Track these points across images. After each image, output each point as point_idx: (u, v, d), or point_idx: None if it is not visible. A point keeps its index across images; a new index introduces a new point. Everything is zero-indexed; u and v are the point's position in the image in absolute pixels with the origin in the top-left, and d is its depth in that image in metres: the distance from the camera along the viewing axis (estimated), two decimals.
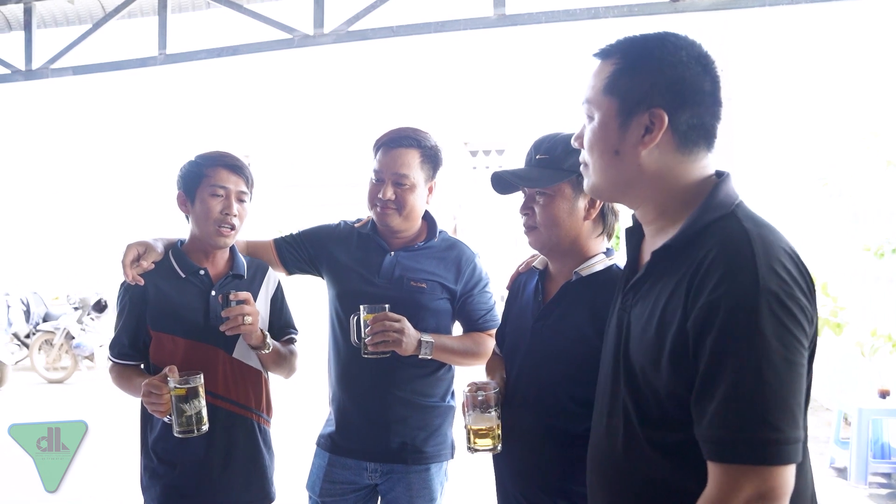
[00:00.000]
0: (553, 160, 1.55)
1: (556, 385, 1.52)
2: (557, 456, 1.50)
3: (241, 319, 1.77)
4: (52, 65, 5.11)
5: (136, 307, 1.89)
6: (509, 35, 4.83)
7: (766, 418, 0.95)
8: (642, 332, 1.12)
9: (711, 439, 0.99)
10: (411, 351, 1.85)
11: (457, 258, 2.03)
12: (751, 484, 0.96)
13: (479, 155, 17.30)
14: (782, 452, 0.95)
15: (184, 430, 1.69)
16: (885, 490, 4.63)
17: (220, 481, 1.88)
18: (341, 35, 4.43)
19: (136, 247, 1.91)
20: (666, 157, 1.12)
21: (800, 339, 0.98)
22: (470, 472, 3.14)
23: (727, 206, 1.09)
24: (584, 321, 1.50)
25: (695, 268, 1.03)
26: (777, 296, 0.97)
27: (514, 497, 1.60)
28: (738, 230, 1.04)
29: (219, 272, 1.95)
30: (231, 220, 1.87)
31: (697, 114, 1.11)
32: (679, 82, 1.10)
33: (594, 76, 1.17)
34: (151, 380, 1.72)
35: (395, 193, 1.93)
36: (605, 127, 1.14)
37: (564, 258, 1.59)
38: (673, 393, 1.06)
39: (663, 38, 1.12)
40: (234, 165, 1.90)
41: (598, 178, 1.18)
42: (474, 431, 1.55)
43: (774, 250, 1.01)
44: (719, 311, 0.98)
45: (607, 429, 1.20)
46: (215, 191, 1.86)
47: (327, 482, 2.01)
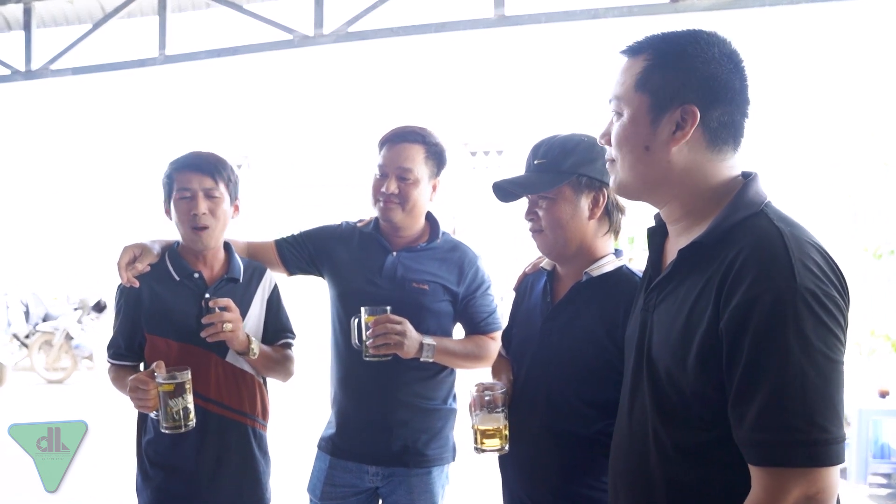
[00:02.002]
0: (551, 164, 1.54)
1: (565, 386, 1.51)
2: (566, 458, 1.50)
3: (221, 326, 1.77)
4: (52, 65, 5.11)
5: (132, 309, 1.89)
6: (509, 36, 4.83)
7: (814, 419, 0.93)
8: (668, 331, 1.11)
9: (756, 442, 0.97)
10: (413, 354, 1.84)
11: (459, 260, 2.02)
12: (799, 487, 0.94)
13: (479, 155, 17.30)
14: (831, 453, 0.94)
15: (171, 425, 1.68)
16: (884, 490, 4.63)
17: (211, 486, 1.87)
18: (341, 35, 4.42)
19: (132, 249, 1.90)
20: (695, 155, 1.11)
21: (839, 336, 0.97)
22: (471, 476, 3.14)
23: (757, 204, 1.08)
24: (594, 321, 1.49)
25: (726, 266, 1.02)
26: (814, 294, 0.96)
27: (520, 499, 1.60)
28: (770, 228, 1.03)
29: (214, 275, 1.94)
30: (200, 220, 1.84)
31: (728, 111, 1.10)
32: (711, 79, 1.09)
33: (623, 73, 1.16)
34: (138, 375, 1.71)
35: (398, 188, 1.92)
36: (635, 123, 1.13)
37: (573, 260, 1.58)
38: (699, 393, 1.05)
39: (695, 34, 1.12)
40: (197, 164, 1.86)
41: (627, 175, 1.17)
42: (481, 432, 1.54)
43: (807, 248, 1.00)
44: (755, 310, 0.97)
45: (630, 431, 1.20)
46: (182, 194, 1.85)
47: (328, 485, 2.00)
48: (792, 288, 0.96)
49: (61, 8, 5.15)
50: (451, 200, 13.74)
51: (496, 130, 16.15)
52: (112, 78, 5.19)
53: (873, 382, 5.23)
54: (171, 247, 1.96)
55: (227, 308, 1.80)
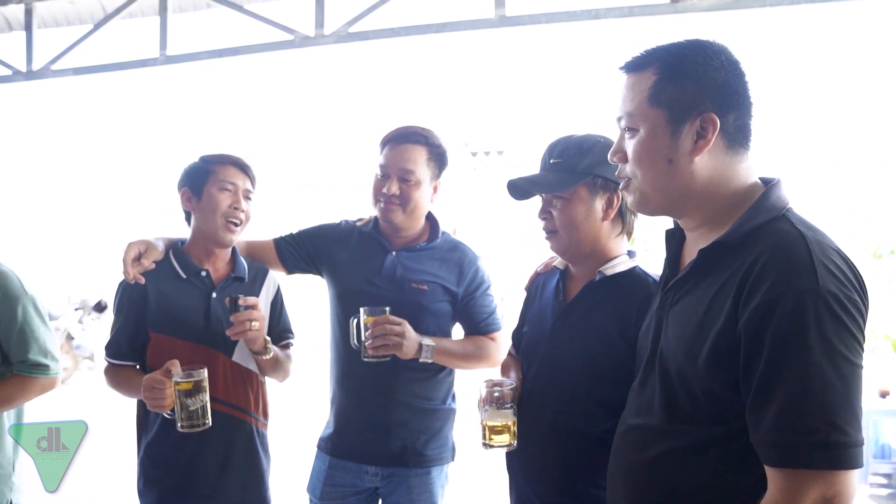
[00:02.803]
0: (567, 164, 1.55)
1: (576, 384, 1.51)
2: (575, 457, 1.50)
3: (249, 325, 1.78)
4: (53, 65, 5.11)
5: (135, 307, 1.88)
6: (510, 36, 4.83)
7: (833, 421, 0.94)
8: (682, 329, 1.12)
9: (774, 443, 0.97)
10: (412, 355, 1.84)
11: (459, 260, 2.02)
12: (816, 489, 0.94)
13: (480, 156, 17.30)
14: (850, 456, 0.94)
15: (190, 424, 1.68)
16: (885, 490, 4.64)
17: (218, 485, 1.87)
18: (342, 36, 4.42)
19: (137, 245, 1.90)
20: (717, 161, 1.13)
21: (859, 339, 0.98)
22: (471, 476, 3.14)
23: (779, 209, 1.10)
24: (607, 321, 1.49)
25: (747, 267, 1.03)
26: (836, 297, 0.97)
27: (528, 498, 1.60)
28: (793, 232, 1.04)
29: (220, 274, 1.94)
30: (239, 214, 1.88)
31: (740, 115, 1.13)
32: (724, 86, 1.11)
33: (630, 89, 1.16)
34: (153, 374, 1.71)
35: (399, 189, 1.92)
36: (655, 137, 1.13)
37: (586, 260, 1.59)
38: (709, 391, 1.05)
39: (699, 44, 1.13)
40: (243, 164, 1.93)
41: (650, 190, 1.17)
42: (490, 428, 1.54)
43: (830, 252, 1.02)
44: (776, 311, 0.97)
45: (631, 429, 1.20)
46: (224, 185, 1.88)
47: (328, 485, 2.00)
48: (814, 290, 0.96)
49: (62, 8, 5.15)
50: (452, 201, 13.76)
51: (497, 130, 16.15)
52: (113, 78, 5.19)
53: (873, 382, 5.23)
54: (176, 245, 1.96)
55: (254, 307, 1.81)
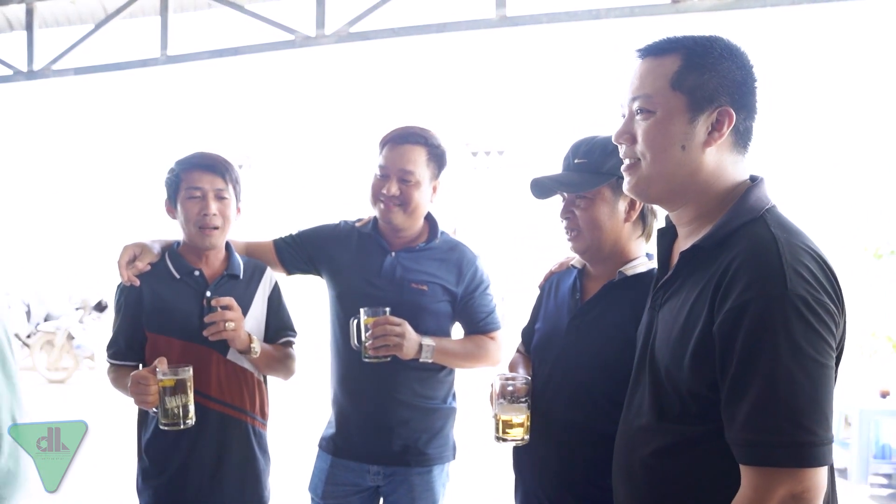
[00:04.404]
0: (592, 164, 1.55)
1: (591, 383, 1.51)
2: (587, 455, 1.49)
3: (223, 325, 1.78)
4: (54, 65, 5.12)
5: (132, 308, 1.89)
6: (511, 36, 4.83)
7: (800, 421, 0.97)
8: (669, 330, 1.14)
9: (745, 442, 1.00)
10: (412, 355, 1.85)
11: (458, 260, 2.02)
12: (785, 486, 0.97)
13: (480, 156, 17.30)
14: (817, 454, 0.97)
15: (169, 422, 1.68)
16: (885, 490, 4.64)
17: (213, 484, 1.87)
18: (343, 36, 4.43)
19: (132, 248, 1.91)
20: (722, 157, 1.14)
21: (828, 340, 1.00)
22: (471, 474, 3.14)
23: (757, 210, 1.11)
24: (625, 320, 1.48)
25: (722, 271, 1.05)
26: (805, 300, 0.98)
27: (535, 495, 1.59)
28: (766, 235, 1.06)
29: (214, 273, 1.94)
30: (210, 220, 1.85)
31: (749, 117, 1.15)
32: (742, 85, 1.13)
33: (650, 72, 1.15)
34: (140, 371, 1.72)
35: (399, 189, 1.92)
36: (671, 121, 1.13)
37: (606, 261, 1.59)
38: (693, 391, 1.08)
39: (724, 40, 1.15)
40: (208, 164, 1.88)
41: (654, 174, 1.16)
42: (504, 422, 1.54)
43: (802, 255, 1.03)
44: (747, 314, 1.00)
45: (630, 427, 1.23)
46: (191, 193, 1.85)
47: (330, 484, 2.00)
48: (783, 294, 0.99)
49: (63, 8, 5.16)
50: (452, 201, 13.75)
51: (497, 131, 16.15)
52: (114, 78, 5.21)
53: (874, 383, 5.24)
54: (171, 247, 1.97)
55: (229, 307, 1.81)
